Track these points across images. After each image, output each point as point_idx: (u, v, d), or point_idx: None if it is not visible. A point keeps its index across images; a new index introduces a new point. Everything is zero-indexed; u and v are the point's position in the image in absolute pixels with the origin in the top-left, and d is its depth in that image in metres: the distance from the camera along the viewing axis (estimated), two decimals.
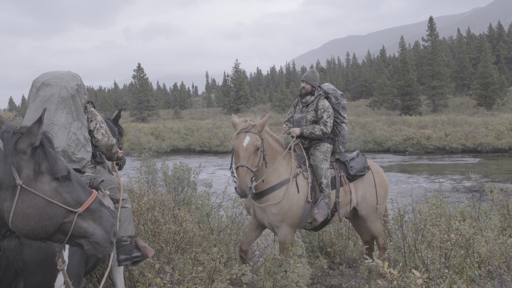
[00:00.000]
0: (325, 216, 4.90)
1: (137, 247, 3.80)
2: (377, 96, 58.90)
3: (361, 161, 5.43)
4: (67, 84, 3.51)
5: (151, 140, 33.62)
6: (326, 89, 5.44)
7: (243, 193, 4.41)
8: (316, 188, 4.98)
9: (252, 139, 4.54)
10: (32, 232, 2.10)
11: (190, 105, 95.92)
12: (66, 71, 3.67)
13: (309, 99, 5.31)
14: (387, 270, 3.02)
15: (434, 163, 23.00)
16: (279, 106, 64.49)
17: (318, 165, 5.03)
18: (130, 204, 3.87)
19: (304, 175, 4.98)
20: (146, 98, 65.18)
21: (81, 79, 3.74)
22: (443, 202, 5.17)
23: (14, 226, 2.06)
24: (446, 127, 30.46)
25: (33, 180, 2.08)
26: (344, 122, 5.44)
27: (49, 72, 3.69)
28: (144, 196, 5.19)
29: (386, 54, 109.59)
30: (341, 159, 5.40)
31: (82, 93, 3.60)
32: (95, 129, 3.69)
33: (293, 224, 4.83)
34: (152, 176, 7.64)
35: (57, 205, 2.11)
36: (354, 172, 5.30)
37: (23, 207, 2.05)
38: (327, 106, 5.21)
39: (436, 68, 55.22)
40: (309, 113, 5.28)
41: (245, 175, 4.41)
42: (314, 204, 4.93)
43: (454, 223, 3.77)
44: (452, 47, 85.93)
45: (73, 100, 3.51)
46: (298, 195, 4.82)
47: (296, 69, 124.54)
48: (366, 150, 29.12)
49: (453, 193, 13.23)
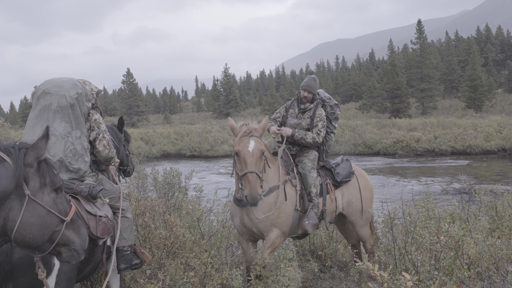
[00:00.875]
0: (316, 227, 4.83)
1: (136, 254, 3.84)
2: (367, 99, 59.21)
3: (347, 167, 5.38)
4: (66, 93, 3.48)
5: (141, 145, 33.42)
6: (323, 96, 5.37)
7: (254, 201, 4.16)
8: (304, 196, 4.88)
9: (257, 144, 4.38)
10: (32, 240, 2.25)
11: (180, 110, 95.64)
12: (68, 79, 3.64)
13: (307, 106, 5.21)
14: (378, 272, 3.03)
15: (424, 166, 23.16)
16: (269, 110, 64.53)
17: (307, 174, 4.92)
18: (131, 214, 3.86)
19: (292, 183, 4.87)
20: (136, 103, 64.93)
21: (85, 85, 3.70)
22: (433, 205, 5.21)
23: (17, 234, 2.19)
24: (436, 130, 30.70)
25: (38, 191, 2.25)
26: (333, 132, 5.39)
27: (52, 79, 3.66)
28: (135, 201, 5.16)
29: (375, 57, 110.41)
30: (326, 166, 5.33)
31: (83, 101, 3.56)
32: (97, 139, 3.65)
33: (283, 230, 4.71)
34: (142, 181, 7.61)
35: (54, 215, 2.30)
36: (340, 179, 5.24)
37: (29, 216, 2.21)
38: (323, 115, 5.14)
39: (425, 70, 55.65)
40: (304, 120, 5.17)
41: (256, 181, 4.20)
42: (304, 214, 4.84)
43: (443, 225, 3.79)
44: (440, 49, 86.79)
45: (72, 109, 3.47)
46: (286, 203, 4.71)
47: (286, 73, 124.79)
48: (356, 153, 29.24)
49: (443, 195, 13.32)
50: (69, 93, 3.48)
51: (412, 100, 56.43)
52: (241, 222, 4.79)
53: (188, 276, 4.06)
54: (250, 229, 4.75)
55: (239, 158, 4.37)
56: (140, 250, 3.92)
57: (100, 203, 3.53)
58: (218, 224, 5.73)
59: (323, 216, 5.03)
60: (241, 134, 4.46)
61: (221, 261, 5.03)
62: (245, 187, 4.23)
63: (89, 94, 3.73)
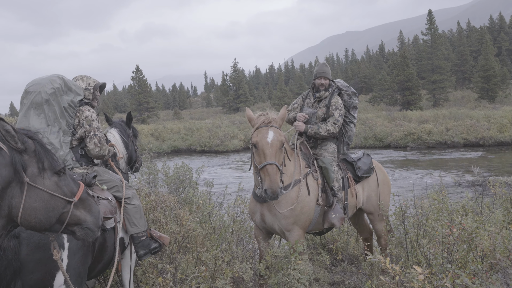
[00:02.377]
0: (343, 220, 4.65)
1: (153, 238, 3.87)
2: (377, 92, 58.81)
3: (367, 162, 5.24)
4: (42, 89, 3.50)
5: (152, 141, 33.58)
6: (340, 84, 5.16)
7: (274, 195, 3.92)
8: (327, 191, 4.71)
9: (276, 134, 4.14)
10: (39, 224, 2.28)
11: (189, 105, 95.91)
12: (48, 76, 3.66)
13: (323, 94, 5.02)
14: (389, 266, 3.01)
15: (436, 158, 22.97)
16: (278, 104, 64.39)
17: (329, 167, 4.72)
18: (139, 201, 3.87)
19: (313, 176, 4.68)
20: (146, 99, 65.14)
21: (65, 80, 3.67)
22: (445, 197, 5.15)
23: (23, 220, 2.22)
24: (447, 122, 30.38)
25: (38, 176, 2.27)
26: (352, 122, 5.17)
27: (35, 78, 3.70)
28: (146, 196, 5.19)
29: (385, 49, 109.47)
30: (347, 159, 5.17)
31: (60, 96, 3.55)
32: (87, 137, 3.65)
33: (304, 227, 4.56)
34: (153, 177, 7.64)
35: (58, 197, 2.33)
36: (361, 174, 5.11)
37: (31, 202, 2.23)
38: (340, 103, 4.94)
39: (436, 62, 55.08)
40: (320, 109, 4.99)
41: (276, 174, 3.97)
42: (330, 208, 4.67)
43: (456, 218, 3.75)
44: (452, 40, 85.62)
45: (47, 104, 3.49)
46: (309, 197, 4.53)
47: (295, 67, 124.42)
48: (367, 146, 29.08)
49: (455, 187, 13.21)
50: (44, 89, 3.50)
51: (423, 92, 55.92)
52: (261, 219, 4.62)
53: (199, 270, 4.07)
54: (271, 226, 4.58)
55: (258, 150, 4.14)
56: (156, 234, 3.95)
57: (99, 190, 3.55)
58: (229, 218, 5.73)
59: (345, 211, 4.88)
60: (258, 125, 4.23)
61: (232, 255, 5.04)
62: (264, 180, 4.00)
63: (76, 89, 3.69)
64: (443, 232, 3.63)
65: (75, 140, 3.66)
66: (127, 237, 3.82)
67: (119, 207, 3.71)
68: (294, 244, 4.24)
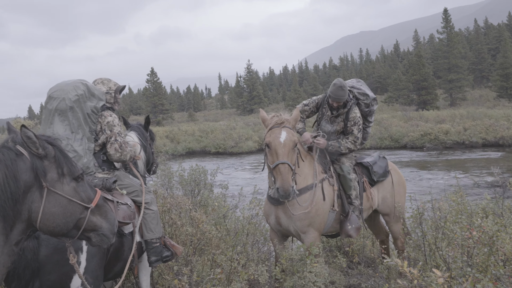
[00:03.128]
0: (359, 230, 4.66)
1: (166, 247, 3.88)
2: (392, 92, 58.36)
3: (383, 165, 5.20)
4: (66, 96, 3.52)
5: (167, 143, 33.79)
6: (357, 93, 5.01)
7: (286, 194, 3.95)
8: (343, 198, 4.71)
9: (289, 134, 4.18)
10: (57, 228, 2.31)
11: (204, 107, 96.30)
12: (72, 81, 3.67)
13: (341, 111, 4.90)
14: (407, 269, 2.95)
15: (453, 159, 22.65)
16: (292, 105, 64.26)
17: (347, 176, 4.72)
18: (157, 207, 3.89)
19: (330, 182, 4.69)
20: (160, 101, 65.59)
21: (89, 86, 3.67)
22: (464, 199, 5.06)
23: (41, 224, 2.24)
24: (465, 121, 29.93)
25: (57, 182, 2.31)
26: (369, 127, 5.17)
27: (59, 83, 3.72)
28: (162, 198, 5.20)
29: (400, 49, 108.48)
30: (363, 163, 5.14)
31: (84, 102, 3.56)
32: (108, 142, 3.67)
33: (320, 229, 4.56)
34: (168, 179, 7.65)
35: (76, 203, 2.36)
36: (377, 178, 5.08)
37: (50, 207, 2.26)
38: (358, 118, 4.85)
39: (453, 60, 54.43)
40: (338, 124, 4.94)
41: (288, 173, 4.00)
42: (345, 218, 4.66)
43: (476, 220, 3.67)
44: (469, 38, 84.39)
45: (71, 111, 3.51)
46: (324, 202, 4.54)
47: (309, 67, 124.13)
48: (382, 147, 28.83)
49: (474, 189, 13.00)
50: (69, 96, 3.51)
51: (440, 91, 55.31)
52: (276, 221, 4.63)
53: (215, 273, 4.07)
54: (286, 228, 4.59)
55: (270, 150, 4.19)
56: (170, 242, 3.96)
57: (118, 194, 3.57)
58: (244, 220, 5.72)
59: (361, 215, 4.89)
60: (272, 125, 4.28)
61: (248, 257, 5.02)
62: (276, 179, 4.04)
63: (99, 94, 3.71)
64: (462, 235, 3.56)
65: (97, 146, 3.69)
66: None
67: (138, 211, 3.72)
68: (310, 247, 4.24)
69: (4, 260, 2.13)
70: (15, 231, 2.19)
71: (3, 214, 2.11)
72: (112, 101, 3.92)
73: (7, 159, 2.16)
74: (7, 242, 2.14)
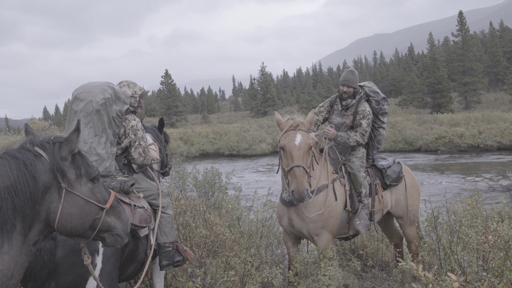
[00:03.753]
0: (368, 227, 4.65)
1: (178, 251, 3.90)
2: (407, 95, 57.90)
3: (397, 170, 5.17)
4: (93, 99, 3.53)
5: (180, 145, 33.95)
6: (368, 90, 5.05)
7: (301, 197, 3.96)
8: (354, 197, 4.70)
9: (304, 137, 4.18)
10: (74, 229, 2.35)
11: (217, 109, 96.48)
12: (99, 83, 3.68)
13: (349, 102, 4.94)
14: (422, 273, 2.95)
15: (468, 162, 22.40)
16: (306, 108, 64.13)
17: (357, 173, 4.72)
18: (172, 211, 3.91)
19: (341, 182, 4.69)
20: (174, 103, 65.89)
21: (117, 88, 3.70)
22: (479, 202, 5.02)
23: (59, 225, 2.28)
24: (480, 124, 29.60)
25: (75, 182, 2.34)
26: (382, 127, 5.11)
27: (85, 84, 3.73)
28: (175, 200, 5.24)
29: (414, 52, 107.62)
30: (377, 166, 5.13)
31: (110, 106, 3.59)
32: (132, 146, 3.69)
33: (333, 231, 4.55)
34: (183, 181, 7.71)
35: (92, 204, 2.40)
36: (390, 182, 5.06)
37: (68, 207, 2.30)
38: (367, 111, 4.87)
39: (468, 63, 53.83)
40: (348, 118, 4.94)
41: (303, 176, 4.00)
42: (354, 215, 4.65)
43: (491, 224, 3.64)
44: (484, 41, 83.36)
45: (97, 115, 3.52)
46: (336, 202, 4.54)
47: (323, 70, 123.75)
48: (396, 150, 28.63)
49: (490, 192, 12.85)
50: (96, 99, 3.52)
51: (454, 94, 54.73)
52: (289, 223, 4.64)
53: (229, 275, 4.09)
54: (299, 230, 4.59)
55: (285, 153, 4.18)
56: (182, 247, 3.97)
57: (135, 197, 3.60)
58: (258, 223, 5.74)
59: (372, 218, 4.88)
60: (287, 128, 4.28)
61: (261, 259, 5.04)
62: (291, 182, 4.03)
63: (124, 98, 3.74)
64: (477, 239, 3.54)
65: (119, 149, 3.71)
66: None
67: (154, 215, 3.75)
68: (323, 250, 4.24)
69: (22, 260, 2.15)
70: (33, 231, 2.22)
71: (22, 214, 2.14)
72: (136, 105, 3.95)
73: (26, 160, 2.20)
74: (25, 242, 2.17)
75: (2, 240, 2.08)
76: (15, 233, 2.13)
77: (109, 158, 3.57)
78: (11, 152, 2.23)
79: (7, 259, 2.08)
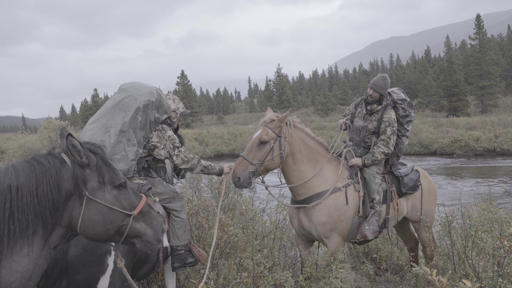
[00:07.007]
0: (376, 233, 4.64)
1: (191, 252, 3.94)
2: (423, 98, 57.39)
3: (414, 178, 5.09)
4: (138, 96, 3.63)
5: (196, 145, 34.09)
6: (396, 97, 4.98)
7: (233, 181, 4.27)
8: (366, 202, 4.68)
9: (261, 133, 4.37)
10: (97, 235, 2.35)
11: (233, 110, 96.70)
12: (149, 86, 3.81)
13: (375, 107, 4.88)
14: (436, 278, 2.93)
15: (484, 166, 22.11)
16: (321, 110, 64.00)
17: (372, 179, 4.72)
18: (186, 214, 3.95)
19: (355, 187, 4.67)
20: (190, 104, 66.21)
21: (163, 98, 3.82)
22: (495, 207, 4.96)
23: (81, 231, 2.29)
24: (496, 128, 29.22)
25: (97, 190, 2.33)
26: (405, 136, 5.03)
27: (136, 82, 3.88)
28: (188, 202, 5.27)
29: (431, 55, 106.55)
30: (394, 173, 5.06)
31: (151, 110, 3.70)
32: (173, 155, 3.84)
33: (343, 235, 4.55)
34: (197, 182, 7.75)
35: (117, 211, 2.37)
36: (406, 190, 5.00)
37: (90, 214, 2.30)
38: (392, 119, 4.80)
39: (485, 67, 53.19)
40: (371, 123, 4.90)
41: (239, 164, 4.24)
42: (364, 220, 4.64)
43: (507, 229, 3.61)
44: (501, 44, 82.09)
45: (136, 112, 3.60)
46: (347, 207, 4.54)
47: (339, 72, 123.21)
48: (412, 153, 28.38)
49: (506, 197, 12.67)
50: (141, 98, 3.63)
51: (471, 98, 54.09)
52: (299, 224, 4.69)
53: (242, 277, 4.10)
54: (309, 232, 4.63)
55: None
56: (196, 248, 4.01)
57: (151, 201, 3.64)
58: (271, 225, 5.74)
59: (386, 225, 4.86)
60: (260, 123, 4.54)
61: (274, 261, 5.04)
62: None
63: (166, 107, 3.88)
64: (493, 244, 3.51)
65: (144, 152, 3.81)
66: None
67: (168, 217, 3.80)
68: (334, 252, 4.27)
69: (41, 263, 2.17)
70: (55, 235, 2.23)
71: (43, 222, 2.15)
72: (174, 120, 4.12)
73: (52, 168, 2.20)
74: (46, 246, 2.19)
75: (23, 243, 2.10)
76: (36, 237, 2.15)
77: (133, 158, 3.65)
78: (38, 158, 2.24)
79: (26, 262, 2.10)
